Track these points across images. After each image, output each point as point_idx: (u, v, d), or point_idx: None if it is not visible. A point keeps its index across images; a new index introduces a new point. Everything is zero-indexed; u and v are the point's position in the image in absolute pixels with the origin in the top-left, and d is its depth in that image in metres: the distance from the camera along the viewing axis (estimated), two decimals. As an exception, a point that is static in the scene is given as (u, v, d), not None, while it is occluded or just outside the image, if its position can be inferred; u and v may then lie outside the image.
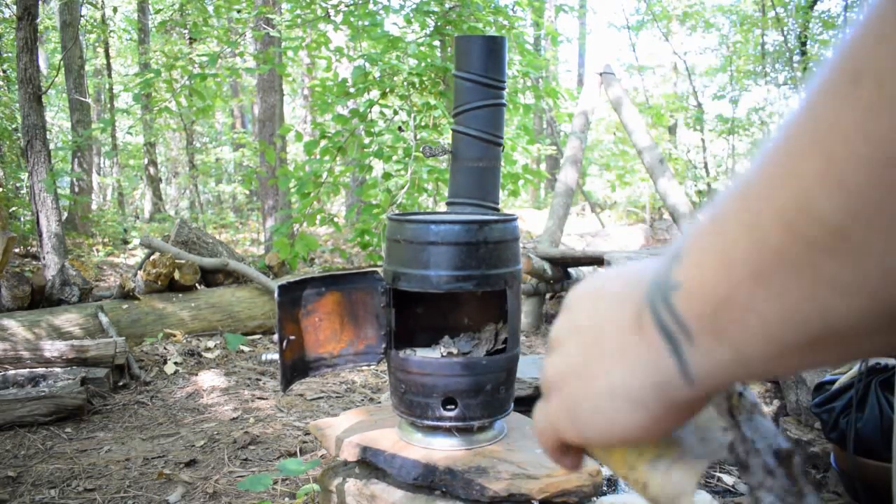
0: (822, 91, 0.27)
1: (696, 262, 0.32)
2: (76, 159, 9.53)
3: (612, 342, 0.36)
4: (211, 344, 4.46)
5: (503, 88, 1.98)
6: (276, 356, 1.74)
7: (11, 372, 3.42)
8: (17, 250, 7.30)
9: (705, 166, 12.23)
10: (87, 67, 10.75)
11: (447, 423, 1.77)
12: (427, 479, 1.71)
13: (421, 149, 2.78)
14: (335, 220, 4.83)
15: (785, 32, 10.44)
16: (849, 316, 0.27)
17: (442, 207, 4.38)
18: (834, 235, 0.26)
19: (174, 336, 4.46)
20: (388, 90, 4.51)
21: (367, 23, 4.71)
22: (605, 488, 2.34)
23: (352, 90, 4.50)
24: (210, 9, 7.17)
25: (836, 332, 0.28)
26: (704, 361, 0.32)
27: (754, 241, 0.29)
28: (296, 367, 1.77)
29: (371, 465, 1.83)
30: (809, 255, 0.27)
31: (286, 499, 2.39)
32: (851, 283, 0.27)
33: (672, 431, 0.37)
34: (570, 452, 0.42)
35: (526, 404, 2.29)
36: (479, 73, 1.92)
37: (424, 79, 4.49)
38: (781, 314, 0.29)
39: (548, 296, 5.56)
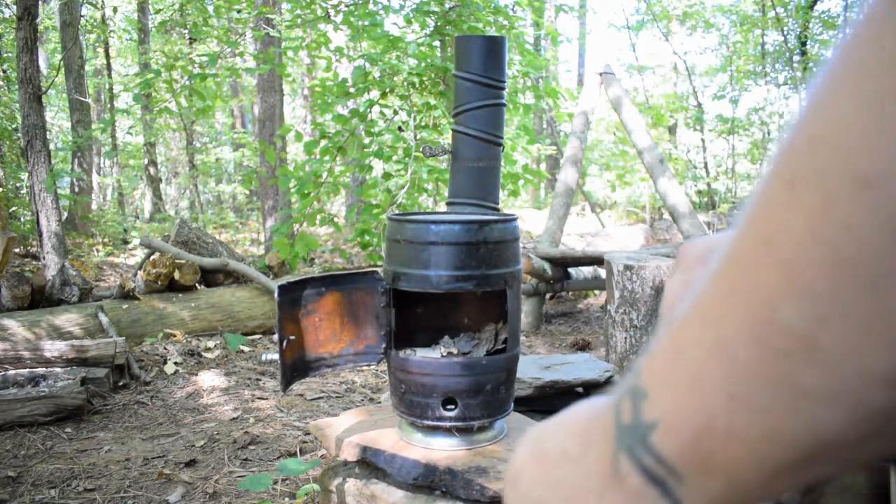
0: (763, 200, 0.27)
1: (666, 395, 0.30)
2: (76, 159, 9.53)
3: None
4: (211, 344, 4.46)
5: (503, 88, 1.98)
6: (276, 356, 1.73)
7: (11, 372, 3.42)
8: (17, 250, 7.30)
9: (705, 166, 12.23)
10: (87, 67, 10.75)
11: (447, 423, 1.77)
12: (427, 479, 1.71)
13: (421, 149, 2.79)
14: (335, 220, 4.84)
15: (785, 32, 10.44)
16: (837, 426, 0.26)
17: (442, 207, 4.38)
18: (805, 343, 0.25)
19: (174, 336, 4.46)
20: (388, 90, 4.51)
21: (367, 23, 4.71)
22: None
23: (352, 90, 4.50)
24: (210, 9, 7.17)
25: (829, 444, 0.27)
26: (698, 497, 0.30)
27: (723, 360, 0.28)
28: (296, 367, 1.77)
29: (371, 465, 1.83)
30: (783, 366, 0.26)
31: (286, 499, 2.39)
32: (832, 391, 0.25)
33: None
34: None
35: (526, 404, 2.29)
36: (479, 73, 1.92)
37: (424, 79, 4.49)
38: (766, 433, 0.27)
39: (548, 296, 5.56)
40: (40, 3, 5.89)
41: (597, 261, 4.83)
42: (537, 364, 2.53)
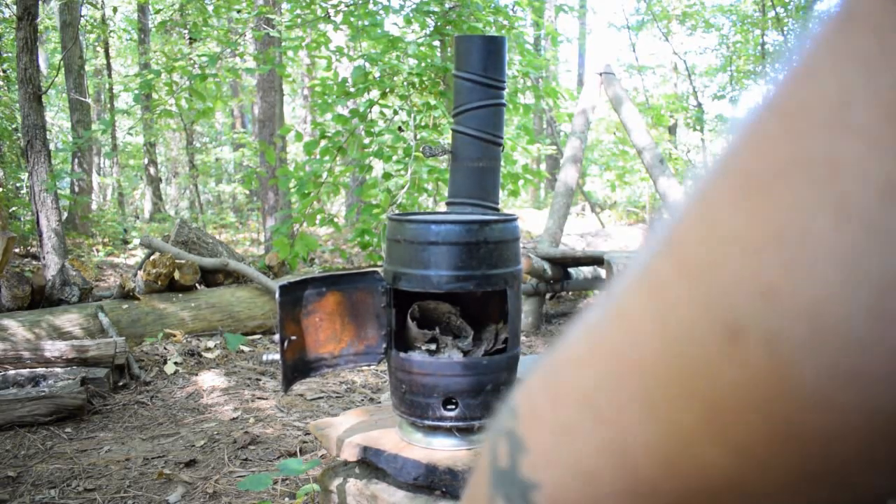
0: (690, 337, 0.23)
1: (551, 472, 0.28)
2: (76, 159, 9.53)
3: None
4: (211, 344, 4.46)
5: (503, 88, 1.98)
6: (277, 356, 1.73)
7: (11, 372, 3.42)
8: (17, 250, 7.30)
9: (705, 166, 12.24)
10: (87, 67, 10.75)
11: (448, 423, 1.77)
12: (427, 479, 1.71)
13: (421, 149, 2.79)
14: (335, 220, 4.84)
15: (785, 32, 10.44)
16: None
17: (442, 207, 4.37)
18: (728, 483, 0.23)
19: (174, 336, 4.46)
20: (388, 90, 4.51)
21: (367, 23, 4.71)
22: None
23: (352, 90, 4.50)
24: (210, 9, 7.17)
25: None
26: None
27: (622, 470, 0.25)
28: (296, 368, 1.77)
29: (371, 465, 1.83)
30: (699, 495, 0.24)
31: (286, 499, 2.39)
32: None
33: None
34: None
35: (526, 404, 2.29)
36: (478, 73, 1.92)
37: (424, 79, 4.49)
38: None
39: (548, 296, 5.56)
40: (40, 3, 5.88)
41: (597, 261, 4.83)
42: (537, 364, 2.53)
